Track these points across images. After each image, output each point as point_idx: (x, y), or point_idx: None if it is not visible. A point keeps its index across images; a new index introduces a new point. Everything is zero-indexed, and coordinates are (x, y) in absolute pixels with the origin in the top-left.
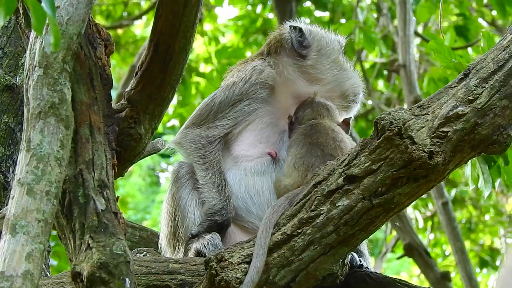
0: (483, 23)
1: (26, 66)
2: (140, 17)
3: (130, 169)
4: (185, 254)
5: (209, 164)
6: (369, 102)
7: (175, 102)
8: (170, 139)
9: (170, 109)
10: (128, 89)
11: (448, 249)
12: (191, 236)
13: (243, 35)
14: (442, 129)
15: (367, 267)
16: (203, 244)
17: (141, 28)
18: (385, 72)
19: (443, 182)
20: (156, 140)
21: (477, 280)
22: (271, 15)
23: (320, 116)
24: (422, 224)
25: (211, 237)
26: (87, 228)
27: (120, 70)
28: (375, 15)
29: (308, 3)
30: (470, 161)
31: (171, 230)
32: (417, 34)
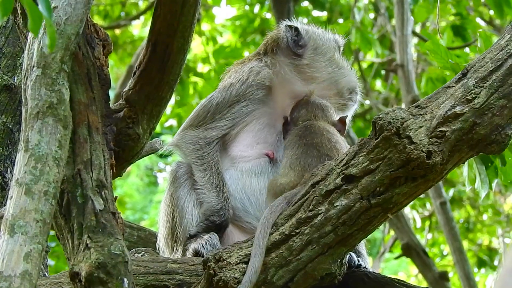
0: (481, 22)
1: (24, 66)
2: (138, 17)
3: (128, 169)
4: (183, 254)
5: (207, 165)
6: (367, 102)
7: (173, 102)
8: (168, 139)
9: (168, 109)
10: (126, 89)
11: (446, 249)
12: (189, 236)
13: (241, 35)
14: (440, 129)
15: (365, 267)
16: (201, 244)
17: (139, 28)
18: (383, 72)
19: (441, 181)
20: (154, 140)
21: (475, 280)
22: (269, 15)
23: (314, 117)
24: (420, 224)
25: (209, 237)
26: (85, 228)
27: (118, 70)
28: (372, 14)
29: (305, 3)
30: (467, 161)
31: (169, 230)
32: (415, 33)
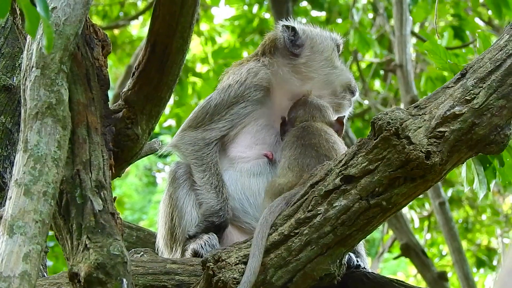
0: (480, 22)
1: (23, 67)
2: (136, 17)
3: (127, 169)
4: (182, 254)
5: (206, 166)
6: (366, 102)
7: (171, 102)
8: (166, 139)
9: (167, 109)
10: (125, 89)
11: (445, 249)
12: (188, 237)
13: (239, 35)
14: (439, 129)
15: (365, 267)
16: (200, 244)
17: (138, 29)
18: (382, 72)
19: (440, 182)
20: (153, 140)
21: (474, 280)
22: (267, 15)
23: (312, 117)
24: (418, 224)
25: (208, 238)
26: (84, 228)
27: (116, 71)
28: (371, 15)
29: (304, 3)
30: (465, 162)
31: (168, 231)
32: (413, 34)
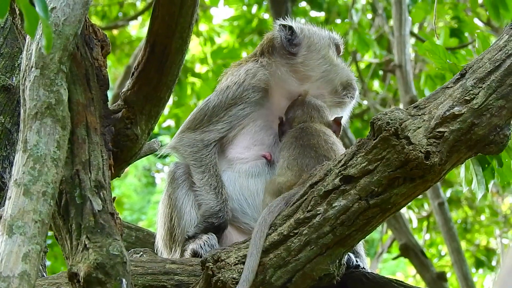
0: (479, 23)
1: (22, 67)
2: (135, 17)
3: (126, 169)
4: (181, 255)
5: (205, 167)
6: (365, 102)
7: (170, 102)
8: (166, 139)
9: (166, 109)
10: (124, 89)
11: (444, 249)
12: (187, 237)
13: (238, 36)
14: (438, 130)
15: (364, 268)
16: (199, 244)
17: (137, 29)
18: (381, 72)
19: (439, 182)
20: (152, 140)
21: (473, 280)
22: (266, 16)
23: (310, 118)
24: (416, 224)
25: (207, 238)
26: (84, 228)
27: (115, 71)
28: (370, 15)
29: (303, 3)
30: (464, 163)
31: (167, 231)
32: (412, 34)
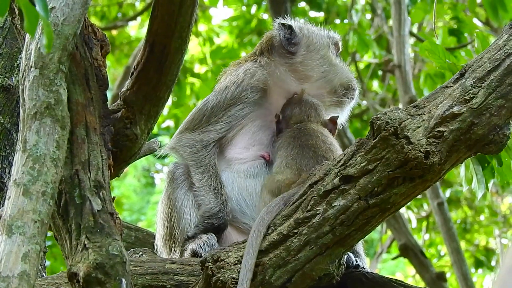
0: (478, 23)
1: (21, 67)
2: (134, 18)
3: (125, 170)
4: (181, 255)
5: (205, 168)
6: (364, 103)
7: (170, 103)
8: (165, 140)
9: (165, 110)
10: (123, 89)
11: (444, 249)
12: (187, 237)
13: (237, 36)
14: (438, 129)
15: (363, 267)
16: (199, 244)
17: (136, 29)
18: (380, 73)
19: (438, 182)
20: (152, 140)
21: (472, 280)
22: (266, 16)
23: (307, 117)
24: (416, 224)
25: (207, 238)
26: (83, 228)
27: (115, 71)
28: (369, 15)
29: (302, 4)
30: (464, 162)
31: (167, 231)
32: (412, 34)
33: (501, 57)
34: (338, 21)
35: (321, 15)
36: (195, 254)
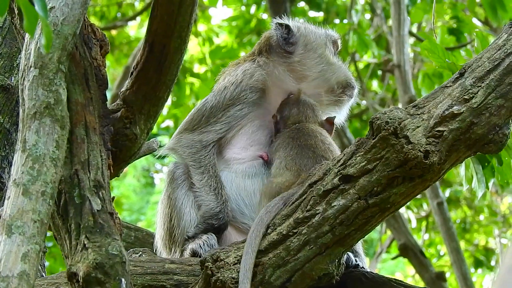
0: (477, 22)
1: (21, 67)
2: (134, 18)
3: (124, 170)
4: (181, 255)
5: (204, 168)
6: (363, 102)
7: (169, 103)
8: (164, 140)
9: (165, 110)
10: (123, 89)
11: (443, 249)
12: (187, 238)
13: (237, 36)
14: (437, 129)
15: (363, 267)
16: (198, 244)
17: (135, 29)
18: (379, 72)
19: (438, 182)
20: (151, 140)
21: (472, 280)
22: (265, 16)
23: (305, 117)
24: (415, 224)
25: (207, 238)
26: (83, 228)
27: (114, 71)
28: (369, 15)
29: (302, 4)
30: (464, 161)
31: (167, 231)
32: (411, 34)
33: (500, 57)
34: (337, 21)
35: (320, 15)
36: (194, 254)
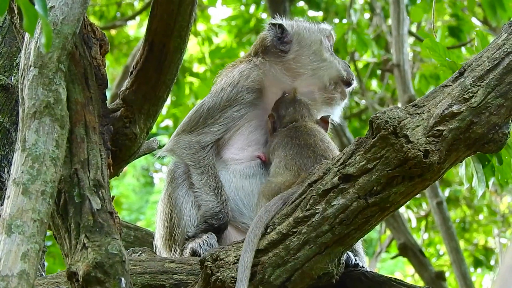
0: (476, 22)
1: (21, 66)
2: (133, 17)
3: (124, 169)
4: (181, 254)
5: (204, 168)
6: (363, 102)
7: (168, 102)
8: (164, 139)
9: (164, 109)
10: (123, 88)
11: (443, 248)
12: (187, 237)
13: (236, 35)
14: (437, 128)
15: (363, 266)
16: (198, 243)
17: (135, 29)
18: (379, 72)
19: (437, 181)
20: (151, 139)
21: (471, 279)
22: (264, 15)
23: (301, 116)
24: (415, 224)
25: (206, 237)
26: (83, 227)
27: (113, 71)
28: (368, 15)
29: (301, 3)
30: (464, 160)
31: (167, 231)
32: (410, 33)
33: (500, 56)
34: (337, 21)
35: (319, 14)
36: (194, 253)
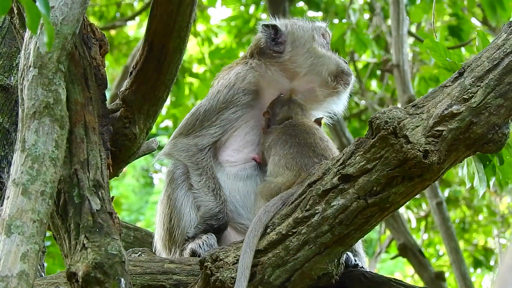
0: (476, 22)
1: (20, 66)
2: (133, 18)
3: (123, 170)
4: (180, 255)
5: (202, 170)
6: (362, 102)
7: (168, 102)
8: (163, 140)
9: (164, 109)
10: (122, 89)
11: (442, 249)
12: (187, 238)
13: (236, 36)
14: (437, 128)
15: (363, 267)
16: (198, 244)
17: (134, 29)
18: (378, 72)
19: (437, 182)
20: (150, 140)
21: (471, 280)
22: (264, 16)
23: (295, 114)
24: (415, 224)
25: (206, 238)
26: (82, 228)
27: (113, 71)
28: (367, 15)
29: (301, 3)
30: (465, 160)
31: (166, 232)
32: (410, 33)
33: (500, 56)
34: (336, 21)
35: (319, 14)
36: (194, 254)
